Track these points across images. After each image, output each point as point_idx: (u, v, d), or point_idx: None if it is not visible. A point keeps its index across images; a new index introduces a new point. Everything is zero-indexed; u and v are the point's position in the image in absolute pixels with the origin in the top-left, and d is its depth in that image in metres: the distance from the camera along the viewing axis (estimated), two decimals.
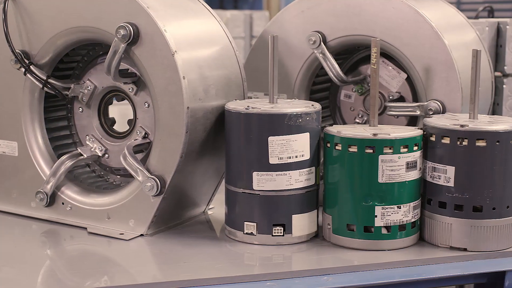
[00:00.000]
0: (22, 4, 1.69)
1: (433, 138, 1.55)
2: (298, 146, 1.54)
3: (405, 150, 1.51)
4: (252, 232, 1.57)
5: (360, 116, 1.94)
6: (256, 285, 1.40)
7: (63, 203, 1.72)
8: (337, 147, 1.53)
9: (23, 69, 1.70)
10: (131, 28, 1.54)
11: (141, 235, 1.63)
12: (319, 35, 1.81)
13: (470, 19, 2.10)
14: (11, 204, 1.79)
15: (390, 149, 1.50)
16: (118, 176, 1.78)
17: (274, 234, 1.57)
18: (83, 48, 1.75)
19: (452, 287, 2.19)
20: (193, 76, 1.55)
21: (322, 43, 1.81)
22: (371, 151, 1.50)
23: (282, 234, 1.57)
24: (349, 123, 1.97)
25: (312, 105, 1.58)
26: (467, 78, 1.65)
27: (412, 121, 1.84)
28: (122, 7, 1.56)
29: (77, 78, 1.78)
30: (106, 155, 1.76)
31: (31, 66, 1.69)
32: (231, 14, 5.71)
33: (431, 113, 1.70)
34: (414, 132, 1.54)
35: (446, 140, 1.52)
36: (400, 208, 1.52)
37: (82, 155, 1.73)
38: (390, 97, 1.86)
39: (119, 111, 1.99)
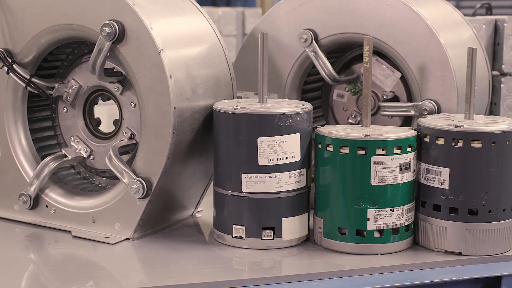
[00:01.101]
0: (4, 1, 1.68)
1: (427, 139, 1.53)
2: (289, 147, 1.52)
3: (399, 151, 1.49)
4: (241, 236, 1.55)
5: (353, 116, 1.92)
6: None
7: (47, 206, 1.71)
8: (328, 148, 1.51)
9: (5, 68, 1.69)
10: (116, 26, 1.52)
11: (127, 238, 1.61)
12: (311, 33, 1.79)
13: (468, 16, 2.08)
14: None
15: (383, 150, 1.48)
16: (104, 178, 1.76)
17: (263, 238, 1.55)
18: (67, 47, 1.73)
19: None
20: (180, 75, 1.54)
21: (313, 41, 1.80)
22: (363, 152, 1.48)
23: (272, 237, 1.55)
24: (342, 123, 1.95)
25: (303, 105, 1.56)
26: (463, 77, 1.63)
27: (407, 121, 1.83)
28: (107, 4, 1.55)
29: (62, 77, 1.76)
30: (91, 157, 1.75)
31: (14, 65, 1.68)
32: (223, 12, 5.68)
33: (425, 113, 1.69)
34: (407, 132, 1.52)
35: (441, 141, 1.51)
36: (393, 211, 1.50)
37: (67, 156, 1.72)
38: (384, 97, 1.84)
39: (107, 111, 1.97)
